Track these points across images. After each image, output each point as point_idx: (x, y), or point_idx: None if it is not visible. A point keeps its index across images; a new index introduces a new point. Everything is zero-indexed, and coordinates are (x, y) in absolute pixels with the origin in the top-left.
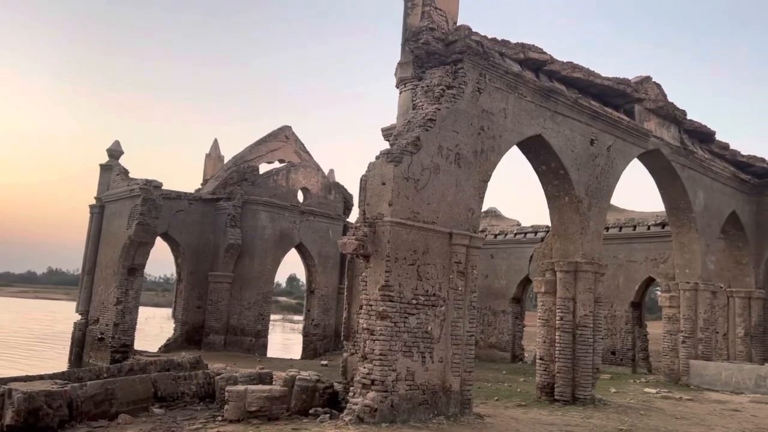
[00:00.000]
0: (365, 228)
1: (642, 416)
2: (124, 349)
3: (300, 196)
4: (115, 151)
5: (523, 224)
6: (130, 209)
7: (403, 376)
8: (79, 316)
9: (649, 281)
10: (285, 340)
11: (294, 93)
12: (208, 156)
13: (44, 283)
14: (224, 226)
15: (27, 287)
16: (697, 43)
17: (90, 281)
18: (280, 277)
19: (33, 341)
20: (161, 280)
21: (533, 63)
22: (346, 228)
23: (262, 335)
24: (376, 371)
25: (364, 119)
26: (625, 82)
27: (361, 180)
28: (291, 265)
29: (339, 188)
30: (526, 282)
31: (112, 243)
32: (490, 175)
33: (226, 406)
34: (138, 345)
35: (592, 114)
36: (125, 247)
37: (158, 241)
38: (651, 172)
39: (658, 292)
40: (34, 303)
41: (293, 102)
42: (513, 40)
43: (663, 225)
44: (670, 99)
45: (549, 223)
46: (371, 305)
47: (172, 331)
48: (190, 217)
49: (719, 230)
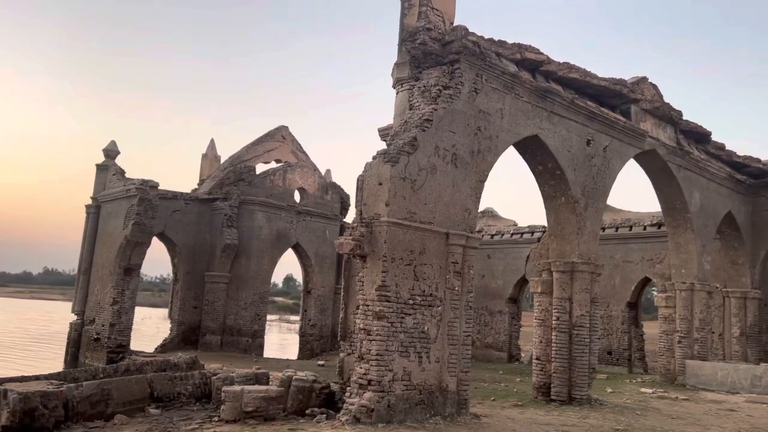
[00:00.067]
0: (362, 228)
1: (638, 416)
2: (120, 350)
3: (297, 197)
4: (111, 151)
5: (520, 224)
6: (127, 209)
7: (400, 377)
8: (75, 317)
9: (646, 281)
10: (282, 340)
11: (291, 93)
12: (204, 156)
13: (40, 283)
14: (221, 226)
15: (23, 287)
16: (695, 44)
17: (86, 281)
18: (277, 278)
19: (29, 341)
20: (158, 281)
21: (530, 63)
22: (342, 228)
23: (258, 335)
24: (372, 371)
25: (361, 119)
26: (621, 82)
27: (357, 180)
28: (288, 266)
29: (336, 188)
30: (523, 282)
31: (108, 243)
32: (487, 176)
33: (223, 407)
34: (134, 345)
35: (588, 114)
36: (121, 247)
37: (155, 241)
38: (647, 172)
39: (654, 292)
40: (29, 303)
41: (289, 102)
42: (510, 41)
43: (659, 225)
44: (666, 100)
45: (545, 224)
46: (368, 305)
47: (169, 332)
48: (186, 217)
49: (715, 230)
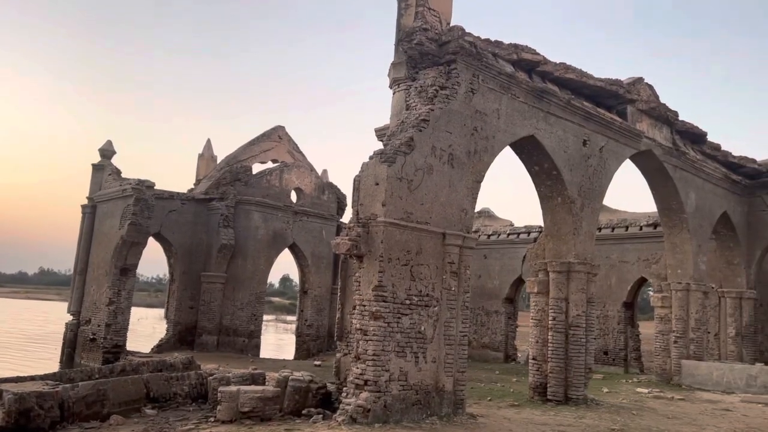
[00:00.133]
0: (358, 228)
1: (634, 416)
2: (116, 350)
3: (293, 197)
4: (107, 151)
5: (516, 225)
6: (123, 209)
7: (396, 377)
8: (70, 317)
9: (641, 281)
10: (278, 340)
11: (288, 93)
12: (201, 156)
13: (36, 284)
14: (217, 227)
15: (18, 287)
16: (693, 44)
17: (82, 281)
18: (273, 278)
19: (24, 342)
20: (154, 281)
21: (526, 64)
22: (339, 228)
23: (255, 336)
24: (369, 371)
25: (358, 120)
26: (617, 83)
27: (354, 180)
28: (284, 266)
29: (332, 188)
30: (519, 282)
31: (104, 243)
32: (483, 176)
33: (219, 407)
34: (130, 345)
35: (584, 115)
36: (117, 248)
37: (151, 241)
38: (643, 172)
39: (650, 293)
40: (25, 303)
41: (286, 102)
42: (506, 41)
43: (655, 225)
44: (662, 100)
45: (542, 224)
46: (364, 305)
47: (165, 332)
48: (182, 217)
49: (711, 231)
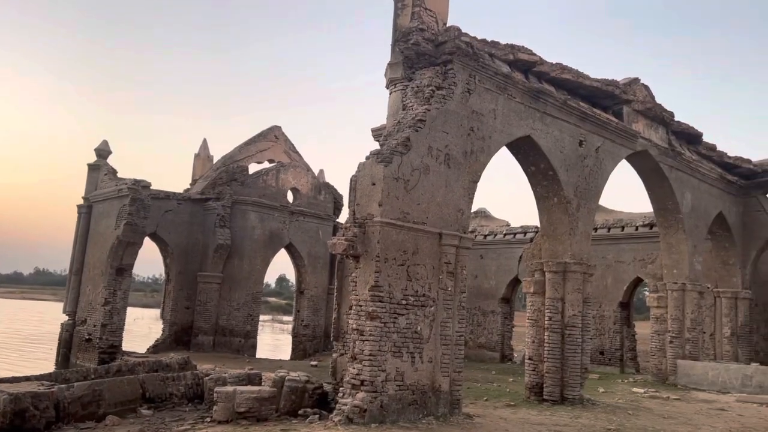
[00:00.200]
0: (355, 228)
1: (630, 416)
2: (111, 350)
3: (290, 197)
4: (103, 151)
5: (513, 225)
6: (119, 209)
7: (393, 377)
8: (66, 317)
9: (637, 281)
10: (274, 340)
11: (284, 93)
12: (197, 156)
13: (31, 284)
14: (213, 227)
15: (13, 288)
16: (691, 44)
17: (77, 282)
18: (270, 278)
19: (20, 342)
20: (150, 281)
21: (523, 64)
22: (335, 228)
23: (251, 336)
24: (365, 372)
25: (355, 120)
26: (613, 83)
27: (351, 180)
28: (280, 266)
29: (329, 188)
30: (516, 282)
31: (100, 243)
32: (480, 176)
33: (215, 407)
34: (126, 346)
35: (580, 115)
36: (113, 248)
37: (147, 241)
38: (639, 173)
39: (646, 293)
40: (20, 303)
41: (283, 102)
42: (503, 42)
43: (651, 226)
44: (658, 101)
45: (538, 224)
46: (361, 306)
47: (161, 332)
48: (178, 217)
49: (706, 231)
